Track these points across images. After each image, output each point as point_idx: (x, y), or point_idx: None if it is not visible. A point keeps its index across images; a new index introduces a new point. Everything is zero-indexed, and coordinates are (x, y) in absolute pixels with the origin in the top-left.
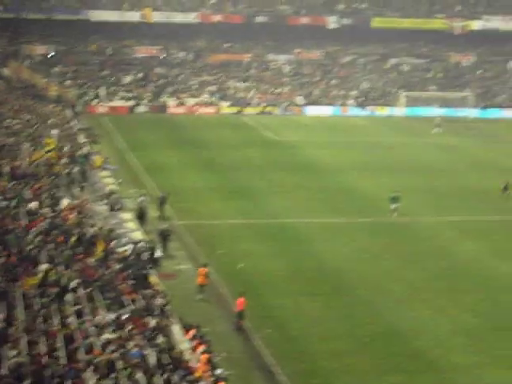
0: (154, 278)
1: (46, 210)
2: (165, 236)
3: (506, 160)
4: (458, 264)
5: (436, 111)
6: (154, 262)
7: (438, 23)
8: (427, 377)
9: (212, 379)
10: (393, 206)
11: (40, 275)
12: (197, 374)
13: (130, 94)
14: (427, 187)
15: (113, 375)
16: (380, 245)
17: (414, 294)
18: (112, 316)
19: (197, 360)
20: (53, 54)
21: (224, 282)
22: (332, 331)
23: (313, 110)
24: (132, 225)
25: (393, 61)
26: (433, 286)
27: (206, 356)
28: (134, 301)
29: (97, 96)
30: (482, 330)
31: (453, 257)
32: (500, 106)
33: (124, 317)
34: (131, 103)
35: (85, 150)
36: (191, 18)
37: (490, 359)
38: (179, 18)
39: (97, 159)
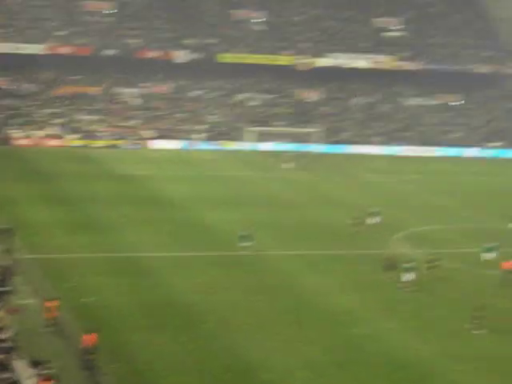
0: None
1: None
2: (10, 270)
3: (351, 195)
4: (305, 297)
5: (284, 146)
6: None
7: (284, 59)
8: None
9: None
10: (244, 244)
11: None
12: None
13: None
14: (275, 221)
15: None
16: (229, 278)
17: (263, 327)
18: None
19: None
20: None
21: (72, 316)
22: (181, 365)
23: (161, 144)
24: None
25: (240, 96)
26: (281, 319)
27: None
28: None
29: None
30: (325, 363)
31: (300, 290)
32: (346, 142)
33: None
34: None
35: None
36: (39, 49)
37: None
38: (27, 49)
39: None
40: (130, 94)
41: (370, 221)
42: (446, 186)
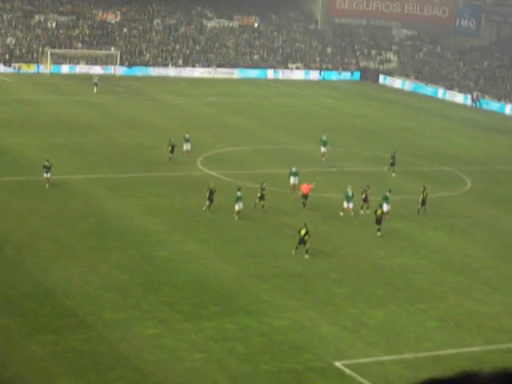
0: None
1: None
2: None
3: (151, 117)
4: (108, 221)
5: (85, 69)
6: None
7: None
8: (79, 334)
9: None
10: (46, 175)
11: None
12: None
13: None
14: (74, 145)
15: None
16: (27, 204)
17: (64, 253)
18: None
19: None
20: None
21: None
22: None
23: None
24: None
25: (38, 17)
26: (82, 244)
27: None
28: None
29: None
30: (131, 285)
31: (102, 214)
32: (145, 64)
33: None
34: None
35: None
36: None
37: (137, 314)
38: None
39: None
40: None
41: (182, 146)
42: (248, 107)
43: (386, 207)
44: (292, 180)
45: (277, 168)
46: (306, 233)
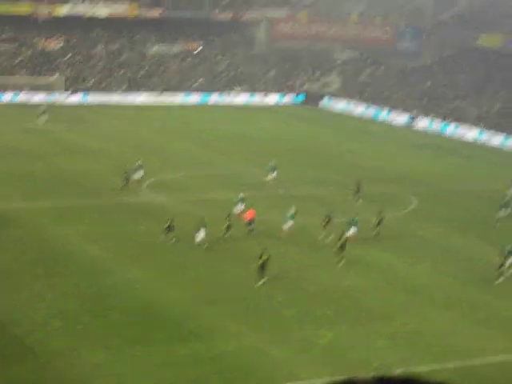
0: None
1: None
2: None
3: (96, 143)
4: (54, 249)
5: (27, 97)
6: None
7: (23, 8)
8: (26, 363)
9: None
10: None
11: None
12: None
13: None
14: (17, 173)
15: None
16: None
17: (10, 281)
18: None
19: None
20: None
21: None
22: None
23: None
24: None
25: None
26: (29, 271)
27: None
28: None
29: None
30: (78, 312)
31: (48, 242)
32: (89, 90)
33: None
34: None
35: None
36: None
37: (85, 341)
38: None
39: None
40: None
41: (136, 175)
42: (193, 132)
43: (352, 230)
44: (239, 206)
45: (222, 193)
46: (268, 258)
